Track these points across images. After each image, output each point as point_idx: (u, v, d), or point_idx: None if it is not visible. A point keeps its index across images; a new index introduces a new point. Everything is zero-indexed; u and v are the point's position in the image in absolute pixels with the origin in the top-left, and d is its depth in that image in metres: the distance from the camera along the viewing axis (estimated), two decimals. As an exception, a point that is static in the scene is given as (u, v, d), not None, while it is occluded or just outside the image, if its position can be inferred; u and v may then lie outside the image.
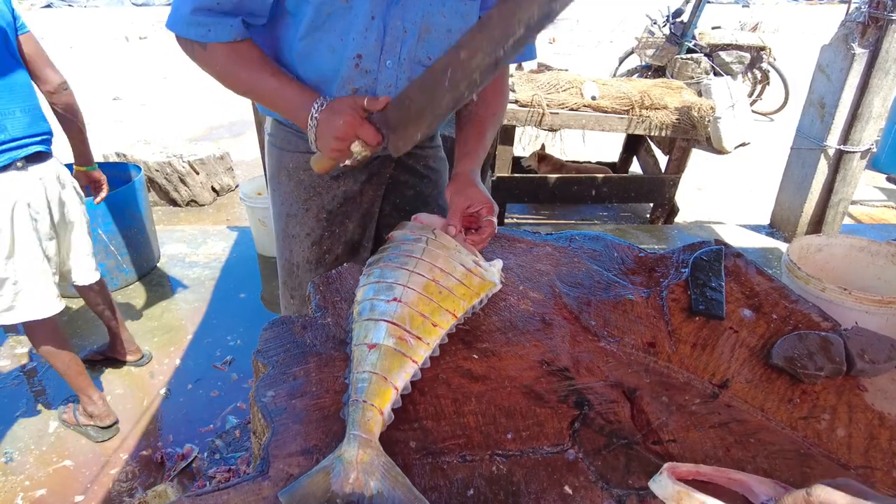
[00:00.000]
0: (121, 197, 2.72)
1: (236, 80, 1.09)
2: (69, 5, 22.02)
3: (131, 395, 2.12)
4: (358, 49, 1.06)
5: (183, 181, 3.93)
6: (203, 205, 4.06)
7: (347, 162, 1.08)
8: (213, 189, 4.14)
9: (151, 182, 3.91)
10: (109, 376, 2.21)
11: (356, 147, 1.04)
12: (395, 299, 0.88)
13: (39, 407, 2.07)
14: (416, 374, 0.83)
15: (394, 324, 0.85)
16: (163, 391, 2.14)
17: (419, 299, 0.90)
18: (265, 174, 1.36)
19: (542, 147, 4.00)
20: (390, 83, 1.12)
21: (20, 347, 2.38)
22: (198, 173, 3.98)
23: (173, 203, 4.02)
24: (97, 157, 4.13)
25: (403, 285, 0.91)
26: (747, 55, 6.25)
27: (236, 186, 4.33)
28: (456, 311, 0.93)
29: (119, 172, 3.07)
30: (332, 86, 1.11)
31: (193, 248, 3.23)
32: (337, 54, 1.07)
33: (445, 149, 1.49)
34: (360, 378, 0.78)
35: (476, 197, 1.13)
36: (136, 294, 2.78)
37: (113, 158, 3.90)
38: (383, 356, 0.80)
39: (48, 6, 21.24)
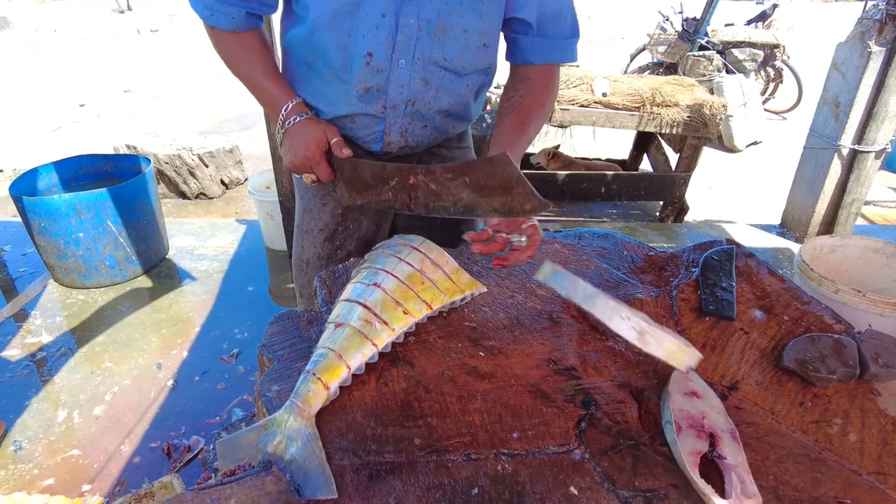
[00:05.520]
0: (130, 189, 2.73)
1: (231, 65, 1.15)
2: (82, -3, 22.11)
3: (138, 386, 2.13)
4: (368, 47, 1.04)
5: (192, 174, 3.94)
6: (212, 198, 4.07)
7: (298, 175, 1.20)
8: (223, 182, 4.15)
9: (161, 174, 3.93)
10: (116, 367, 2.22)
11: (308, 176, 1.16)
12: (374, 284, 0.91)
13: (48, 396, 2.08)
14: (374, 356, 0.84)
15: (365, 307, 0.87)
16: (170, 383, 2.15)
17: (398, 286, 0.91)
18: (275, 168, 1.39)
19: (557, 146, 3.98)
20: (402, 83, 1.09)
21: (30, 337, 2.40)
22: (207, 166, 4.00)
23: (182, 196, 4.04)
24: (108, 149, 4.15)
25: (388, 272, 0.93)
26: (760, 53, 6.17)
27: (245, 180, 4.35)
28: (433, 302, 0.94)
29: (129, 164, 3.08)
30: (348, 85, 1.10)
31: (202, 240, 3.24)
32: (347, 52, 1.05)
33: (475, 149, 1.45)
34: (318, 353, 0.81)
35: None
36: (144, 286, 2.79)
37: (123, 150, 3.92)
38: (345, 336, 0.83)
39: (61, -2, 21.35)
